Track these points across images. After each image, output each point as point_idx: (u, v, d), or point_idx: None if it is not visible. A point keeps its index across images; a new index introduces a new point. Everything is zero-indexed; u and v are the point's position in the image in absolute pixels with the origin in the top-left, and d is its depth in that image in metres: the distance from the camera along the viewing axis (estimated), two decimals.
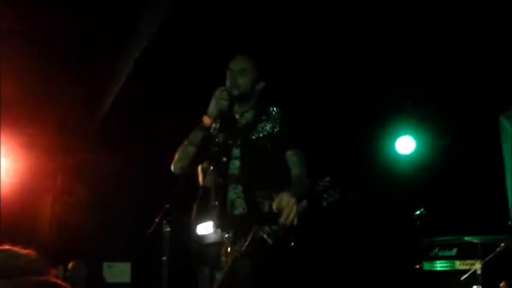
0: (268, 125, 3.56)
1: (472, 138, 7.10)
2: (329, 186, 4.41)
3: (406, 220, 6.58)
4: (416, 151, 7.53)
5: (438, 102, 6.86)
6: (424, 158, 7.50)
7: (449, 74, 6.40)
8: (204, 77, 5.12)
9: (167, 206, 4.03)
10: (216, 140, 3.61)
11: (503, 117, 7.22)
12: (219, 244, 3.93)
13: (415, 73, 6.43)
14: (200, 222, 3.77)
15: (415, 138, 7.50)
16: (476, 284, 5.61)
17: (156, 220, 4.15)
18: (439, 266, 6.52)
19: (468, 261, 6.07)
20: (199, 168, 4.66)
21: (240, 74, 3.57)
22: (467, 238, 5.79)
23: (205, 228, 6.08)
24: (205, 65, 5.76)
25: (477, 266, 5.58)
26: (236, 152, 3.54)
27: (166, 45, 5.65)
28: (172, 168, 3.67)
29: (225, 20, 5.39)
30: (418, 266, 6.64)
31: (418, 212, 6.42)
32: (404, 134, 7.51)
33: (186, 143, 3.58)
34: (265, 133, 3.53)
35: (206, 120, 3.51)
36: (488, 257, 5.53)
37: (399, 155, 7.62)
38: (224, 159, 3.52)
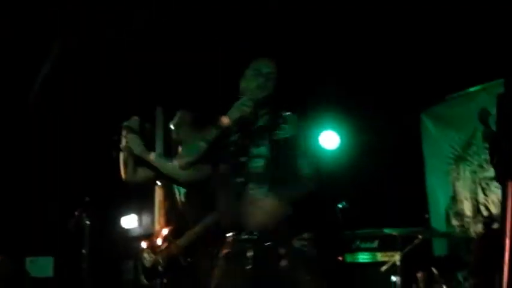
0: (286, 127, 3.56)
1: (395, 134, 7.26)
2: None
3: (329, 213, 6.67)
4: (340, 146, 7.64)
5: (362, 99, 6.98)
6: (348, 152, 7.62)
7: (372, 70, 6.53)
8: None
9: (87, 199, 3.99)
10: (232, 140, 3.58)
11: (425, 115, 7.42)
12: (143, 238, 3.85)
13: (338, 69, 6.54)
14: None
15: (339, 133, 7.61)
16: (395, 275, 5.75)
17: (76, 213, 4.09)
18: (361, 258, 6.66)
19: (388, 253, 6.24)
20: (122, 161, 4.64)
21: (268, 77, 3.62)
22: (386, 230, 5.93)
23: (130, 222, 6.08)
24: None
25: (396, 258, 5.72)
26: (256, 151, 3.51)
27: None
28: (178, 162, 3.66)
29: None
30: (340, 258, 6.75)
31: (340, 206, 6.53)
32: (328, 129, 7.60)
33: (198, 139, 3.55)
34: (286, 136, 3.52)
35: (225, 120, 3.48)
36: (406, 249, 5.68)
37: (323, 149, 7.70)
38: (243, 158, 3.49)
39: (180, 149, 4.46)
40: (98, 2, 5.60)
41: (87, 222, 4.20)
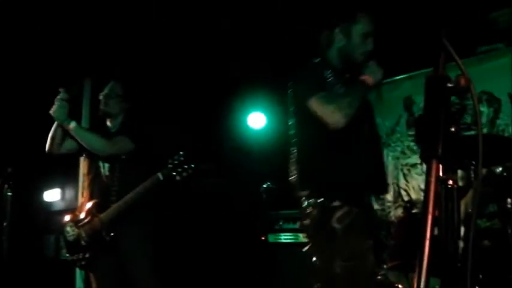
0: None
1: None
2: (184, 161, 4.46)
3: (254, 193, 6.72)
4: (266, 126, 7.71)
5: (289, 80, 7.02)
6: (275, 133, 7.69)
7: (299, 51, 6.57)
8: None
9: (9, 170, 3.89)
10: None
11: None
12: (66, 212, 3.76)
13: (265, 50, 6.58)
14: None
15: (266, 114, 7.68)
16: None
17: None
18: (284, 238, 6.73)
19: None
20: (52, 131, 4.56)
21: None
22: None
23: (53, 196, 5.95)
24: None
25: None
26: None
27: None
28: (332, 119, 3.29)
29: None
30: (263, 238, 6.81)
31: (264, 186, 6.59)
32: (256, 109, 7.67)
33: (344, 95, 3.40)
34: None
35: (369, 80, 3.41)
36: None
37: (251, 129, 7.77)
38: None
39: None
40: None
41: (9, 194, 4.12)
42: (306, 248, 5.88)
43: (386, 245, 5.84)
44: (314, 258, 5.71)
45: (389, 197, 6.95)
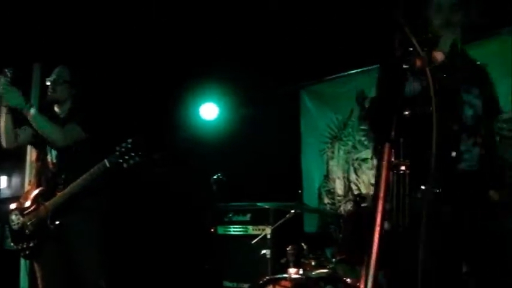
0: (488, 82, 3.31)
1: (274, 109, 7.35)
2: (131, 148, 4.38)
3: (204, 184, 6.68)
4: (219, 118, 7.69)
5: (242, 71, 7.00)
6: (227, 124, 7.67)
7: (253, 43, 6.56)
8: None
9: None
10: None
11: (304, 92, 7.52)
12: (12, 199, 3.65)
13: (218, 42, 6.55)
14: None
15: (219, 105, 7.65)
16: (266, 248, 5.84)
17: None
18: (233, 230, 6.72)
19: (260, 227, 6.32)
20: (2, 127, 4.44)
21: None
22: (259, 204, 6.00)
23: None
24: None
25: (267, 231, 5.81)
26: (466, 98, 3.15)
27: None
28: None
29: None
30: (212, 230, 6.79)
31: (215, 177, 6.55)
32: (208, 100, 7.63)
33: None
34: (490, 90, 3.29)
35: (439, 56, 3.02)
36: (277, 223, 5.77)
37: (203, 120, 7.73)
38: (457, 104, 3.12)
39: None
40: None
41: None
42: (254, 241, 5.91)
43: (336, 239, 5.87)
44: (264, 251, 5.72)
45: (339, 191, 6.98)
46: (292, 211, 5.64)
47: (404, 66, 1.29)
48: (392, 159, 1.27)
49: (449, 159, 2.96)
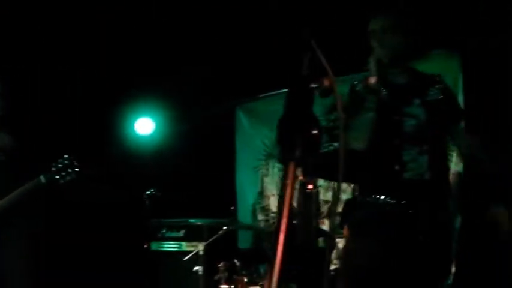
0: (435, 90, 3.35)
1: (210, 125, 7.33)
2: (68, 165, 4.33)
3: (138, 200, 6.61)
4: (155, 133, 7.63)
5: (179, 87, 6.98)
6: (162, 140, 7.61)
7: (189, 58, 6.56)
8: None
9: None
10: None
11: (239, 109, 7.54)
12: None
13: (154, 58, 6.54)
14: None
15: (155, 120, 7.59)
16: (198, 265, 5.82)
17: None
18: (167, 246, 6.66)
19: (194, 243, 6.28)
20: None
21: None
22: (192, 220, 5.98)
23: None
24: None
25: (200, 248, 5.79)
26: (407, 110, 3.26)
27: None
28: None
29: None
30: (146, 246, 6.71)
31: (148, 192, 6.48)
32: (144, 115, 7.56)
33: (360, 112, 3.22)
34: (436, 97, 3.32)
35: (372, 80, 3.21)
36: (210, 240, 5.76)
37: (138, 135, 7.65)
38: (397, 117, 3.22)
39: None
40: None
41: None
42: (187, 257, 5.88)
43: (269, 255, 5.87)
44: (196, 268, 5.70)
45: (274, 207, 7.00)
46: (225, 228, 5.64)
47: (313, 85, 1.30)
48: (301, 178, 1.27)
49: (393, 172, 3.12)
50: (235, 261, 5.55)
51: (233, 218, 6.30)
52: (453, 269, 4.46)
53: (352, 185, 5.99)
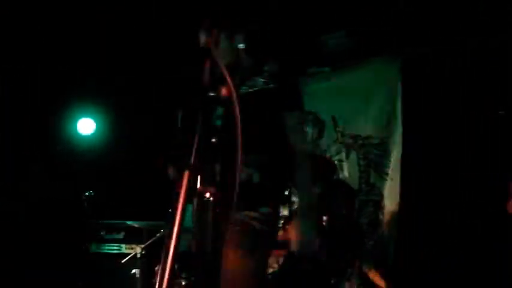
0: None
1: (152, 127, 7.27)
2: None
3: (77, 200, 6.53)
4: (96, 133, 7.54)
5: (121, 88, 6.93)
6: (103, 140, 7.54)
7: (134, 61, 6.52)
8: None
9: None
10: None
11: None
12: None
13: (97, 58, 6.48)
14: None
15: (96, 120, 7.51)
16: (136, 267, 5.76)
17: None
18: (107, 248, 6.57)
19: (133, 245, 6.22)
20: None
21: None
22: (129, 223, 5.92)
23: None
24: None
25: (138, 250, 5.73)
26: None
27: None
28: None
29: None
30: (84, 247, 6.62)
31: (86, 194, 6.40)
32: (86, 115, 7.48)
33: None
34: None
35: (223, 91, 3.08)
36: (148, 242, 5.71)
37: (80, 135, 7.57)
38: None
39: None
40: None
41: None
42: (124, 260, 5.81)
43: None
44: (134, 270, 5.64)
45: None
46: (163, 230, 5.59)
47: (211, 94, 1.29)
48: (199, 186, 1.27)
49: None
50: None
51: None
52: None
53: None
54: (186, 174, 1.25)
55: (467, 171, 5.32)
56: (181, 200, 1.21)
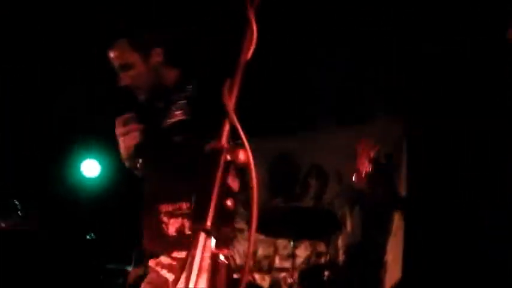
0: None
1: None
2: (12, 209, 4.28)
3: (78, 243, 6.51)
4: (101, 174, 7.56)
5: None
6: (109, 182, 7.54)
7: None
8: None
9: None
10: None
11: None
12: None
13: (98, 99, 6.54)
14: None
15: (100, 161, 7.53)
16: None
17: None
18: None
19: None
20: None
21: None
22: (130, 268, 5.88)
23: None
24: None
25: None
26: None
27: None
28: None
29: None
30: None
31: (88, 237, 6.39)
32: (89, 157, 7.51)
33: None
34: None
35: None
36: None
37: (85, 177, 7.58)
38: None
39: None
40: None
41: None
42: None
43: None
44: None
45: None
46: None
47: (228, 158, 1.31)
48: (213, 248, 1.28)
49: None
50: None
51: None
52: None
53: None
54: (202, 235, 1.26)
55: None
56: (196, 262, 1.22)
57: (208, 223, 1.26)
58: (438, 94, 5.55)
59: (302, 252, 6.33)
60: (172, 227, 2.84)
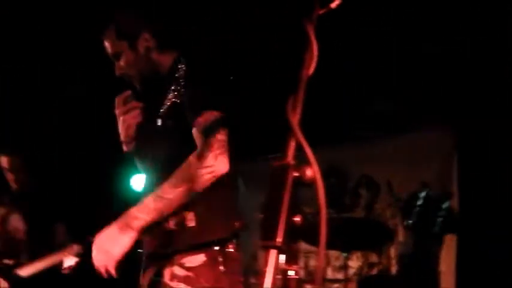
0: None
1: None
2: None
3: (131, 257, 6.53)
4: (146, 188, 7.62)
5: None
6: None
7: None
8: None
9: None
10: None
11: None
12: None
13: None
14: None
15: None
16: None
17: None
18: None
19: None
20: None
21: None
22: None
23: None
24: None
25: None
26: None
27: None
28: None
29: None
30: None
31: (139, 250, 6.43)
32: (139, 172, 7.57)
33: None
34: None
35: None
36: None
37: (134, 191, 7.66)
38: None
39: None
40: None
41: None
42: None
43: None
44: None
45: None
46: None
47: (295, 174, 1.31)
48: (284, 264, 1.28)
49: None
50: None
51: None
52: None
53: None
54: (273, 253, 1.27)
55: None
56: (269, 280, 1.23)
57: (279, 239, 1.27)
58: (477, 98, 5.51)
59: (354, 263, 6.32)
60: (171, 220, 2.72)
